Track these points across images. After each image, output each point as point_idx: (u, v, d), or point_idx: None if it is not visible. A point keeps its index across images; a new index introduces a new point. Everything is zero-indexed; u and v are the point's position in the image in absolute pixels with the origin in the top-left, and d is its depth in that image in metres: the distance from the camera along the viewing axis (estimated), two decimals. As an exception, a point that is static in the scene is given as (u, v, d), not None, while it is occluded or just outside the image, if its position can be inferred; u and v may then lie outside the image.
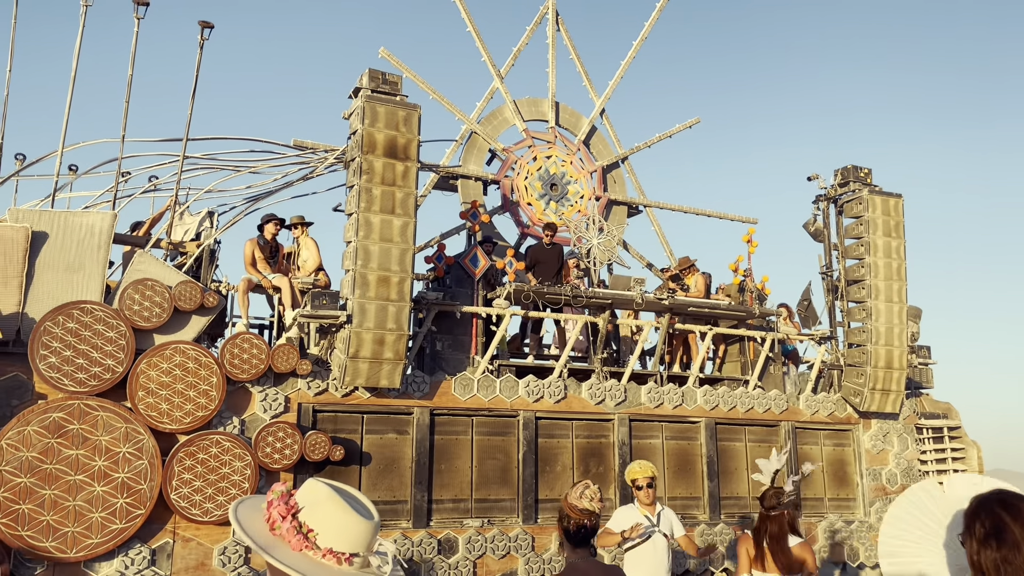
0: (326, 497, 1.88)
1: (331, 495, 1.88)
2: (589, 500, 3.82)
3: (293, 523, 1.85)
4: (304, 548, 1.83)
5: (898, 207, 12.05)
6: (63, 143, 8.72)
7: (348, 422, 9.03)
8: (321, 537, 1.84)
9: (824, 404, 11.76)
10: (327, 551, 1.83)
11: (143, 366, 7.97)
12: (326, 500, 1.88)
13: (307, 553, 1.83)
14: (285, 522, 1.84)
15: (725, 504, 10.90)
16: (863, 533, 11.44)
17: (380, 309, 8.74)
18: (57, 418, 7.57)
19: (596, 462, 10.25)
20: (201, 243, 9.10)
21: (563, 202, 12.34)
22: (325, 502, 1.87)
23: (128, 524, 7.67)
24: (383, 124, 9.02)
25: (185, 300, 8.25)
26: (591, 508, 3.80)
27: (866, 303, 11.74)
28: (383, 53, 11.29)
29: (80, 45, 8.56)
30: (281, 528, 1.84)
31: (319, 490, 1.90)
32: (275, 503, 1.87)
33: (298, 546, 1.83)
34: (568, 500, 3.84)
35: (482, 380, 9.68)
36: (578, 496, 3.83)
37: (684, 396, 10.82)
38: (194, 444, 8.00)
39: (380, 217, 8.86)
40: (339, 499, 1.88)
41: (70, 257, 8.06)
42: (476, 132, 12.06)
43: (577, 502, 3.82)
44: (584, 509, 3.79)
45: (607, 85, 13.15)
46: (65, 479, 7.53)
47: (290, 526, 1.84)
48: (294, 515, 1.86)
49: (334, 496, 1.88)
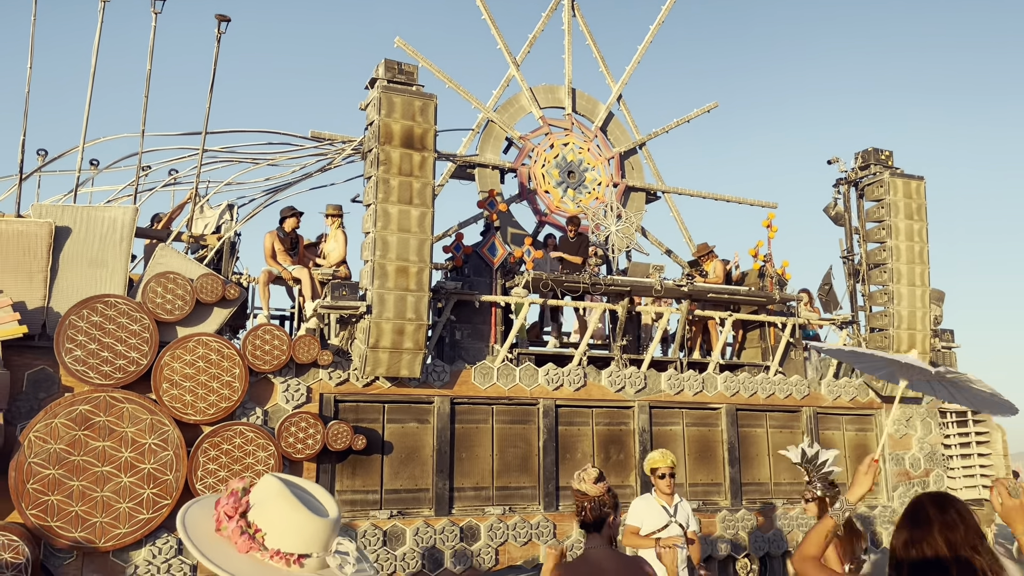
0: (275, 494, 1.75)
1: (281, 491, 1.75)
2: (582, 481, 3.84)
3: (240, 523, 1.72)
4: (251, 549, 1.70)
5: (920, 189, 11.92)
6: (84, 138, 8.81)
7: (369, 411, 9.10)
8: (269, 537, 1.70)
9: (846, 389, 11.70)
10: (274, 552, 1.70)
11: (167, 358, 8.06)
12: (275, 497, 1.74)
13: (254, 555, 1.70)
14: (231, 522, 1.72)
15: (746, 490, 10.89)
16: (886, 518, 11.39)
17: (399, 299, 8.78)
18: (83, 410, 7.68)
19: (616, 449, 10.27)
20: (221, 236, 9.18)
21: (581, 189, 12.31)
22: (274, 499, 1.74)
23: (155, 514, 7.78)
24: (399, 114, 9.03)
25: (207, 292, 8.33)
26: (583, 489, 3.81)
27: (888, 287, 11.64)
28: (399, 43, 11.29)
29: (99, 40, 8.63)
30: (227, 528, 1.72)
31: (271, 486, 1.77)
32: (223, 501, 1.75)
33: (244, 547, 1.70)
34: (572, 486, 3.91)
35: (502, 369, 9.70)
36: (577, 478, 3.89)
37: (704, 382, 10.80)
38: (218, 435, 8.09)
39: (398, 207, 8.88)
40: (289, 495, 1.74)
41: (93, 251, 8.15)
42: (492, 120, 12.04)
43: (574, 483, 3.87)
44: (577, 490, 3.82)
45: (624, 70, 13.07)
46: (92, 470, 7.65)
47: (235, 526, 1.71)
48: (243, 514, 1.73)
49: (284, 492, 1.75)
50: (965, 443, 12.04)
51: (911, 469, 11.82)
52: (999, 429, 12.10)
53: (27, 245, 7.91)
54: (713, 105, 13.67)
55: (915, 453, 11.90)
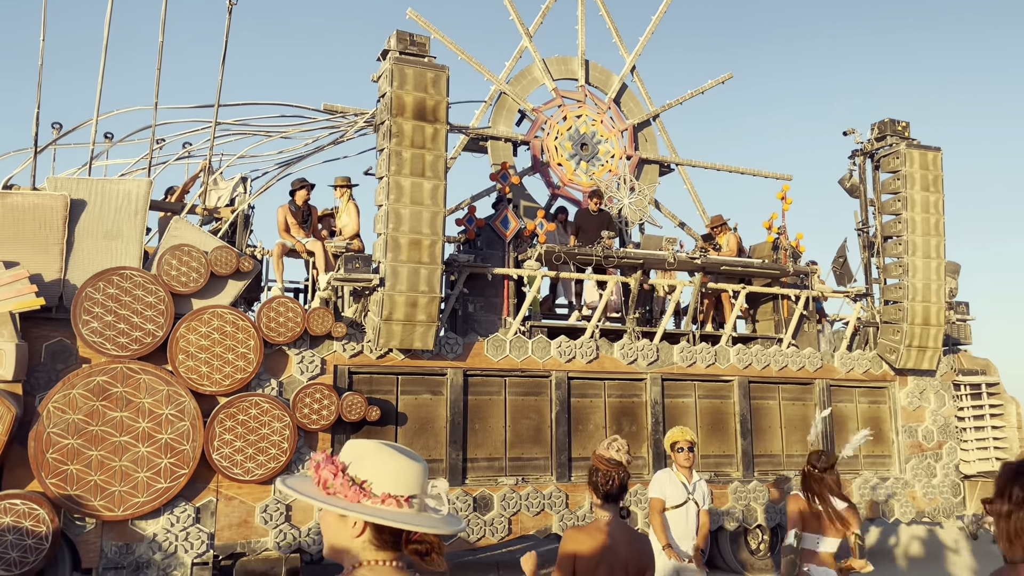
0: (372, 447, 1.91)
1: (376, 445, 1.92)
2: (616, 451, 3.87)
3: (346, 477, 1.86)
4: (362, 498, 1.84)
5: (937, 161, 11.80)
6: (97, 111, 8.84)
7: (383, 383, 9.16)
8: (376, 485, 1.85)
9: (859, 362, 11.67)
10: (385, 496, 1.85)
11: (182, 330, 8.14)
12: (373, 450, 1.91)
13: (365, 502, 1.84)
14: (337, 479, 1.86)
15: (759, 462, 10.92)
16: (899, 490, 11.41)
17: (412, 272, 8.80)
18: (101, 381, 7.78)
19: (629, 421, 10.31)
20: (235, 208, 9.21)
21: (594, 162, 12.25)
22: (372, 452, 1.90)
23: (172, 483, 7.89)
24: (411, 86, 9.00)
25: (221, 265, 8.38)
26: (618, 459, 3.84)
27: (903, 259, 11.56)
28: (411, 14, 11.21)
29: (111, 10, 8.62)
30: (334, 485, 1.86)
31: (363, 444, 1.94)
32: (322, 465, 1.89)
33: (355, 497, 1.84)
34: (597, 452, 3.91)
35: (514, 341, 9.74)
36: (606, 447, 3.90)
37: (717, 355, 10.80)
38: (234, 406, 8.18)
39: (410, 180, 8.88)
40: (385, 447, 1.91)
41: (108, 224, 8.21)
42: (505, 92, 11.98)
43: (605, 452, 3.88)
44: (611, 459, 3.83)
45: (637, 41, 12.95)
46: (111, 440, 7.76)
47: (343, 480, 1.85)
48: (344, 471, 1.87)
49: (379, 445, 1.92)
50: (979, 415, 12.01)
51: (924, 441, 11.82)
52: (1013, 402, 12.06)
53: (43, 218, 7.97)
54: (728, 76, 13.53)
55: (928, 425, 11.89)
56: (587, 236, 11.05)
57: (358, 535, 1.86)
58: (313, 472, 1.92)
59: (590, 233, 11.06)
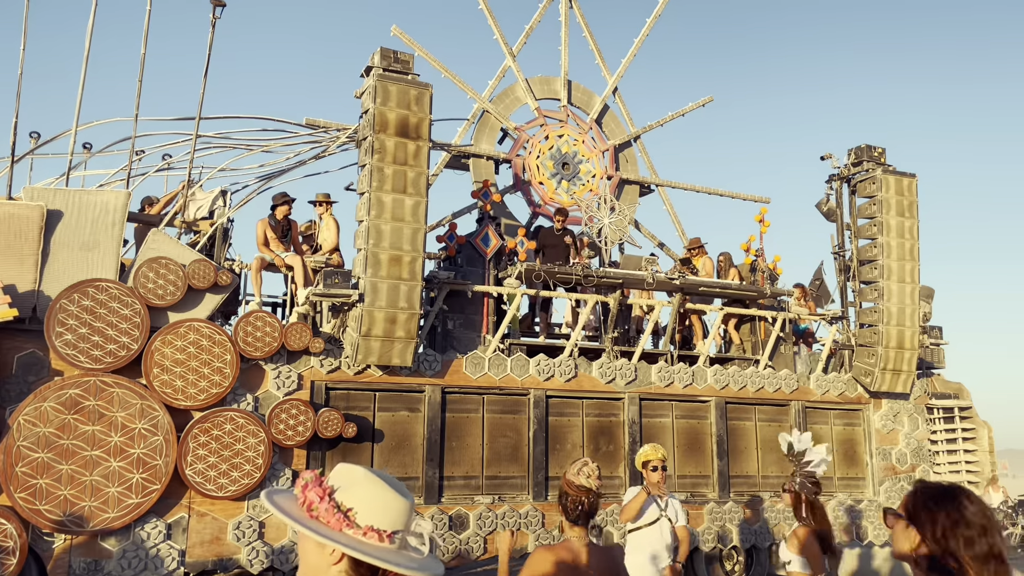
0: (363, 476, 1.87)
1: (368, 474, 1.87)
2: (586, 477, 3.80)
3: (331, 503, 1.82)
4: (344, 527, 1.80)
5: (912, 187, 11.97)
6: (77, 121, 8.77)
7: (360, 400, 9.11)
8: (361, 515, 1.81)
9: (835, 384, 11.76)
10: (368, 528, 1.80)
11: (158, 343, 8.05)
12: (363, 479, 1.86)
13: (347, 531, 1.80)
14: (323, 502, 1.82)
15: (734, 483, 10.95)
16: (872, 512, 11.48)
17: (392, 288, 8.79)
18: (73, 394, 7.67)
19: (606, 440, 10.31)
20: (214, 222, 9.16)
21: (575, 181, 12.32)
22: (362, 481, 1.86)
23: (144, 499, 7.78)
24: (395, 103, 9.02)
25: (199, 278, 8.31)
26: (588, 485, 3.78)
27: (878, 283, 11.70)
28: (395, 31, 11.25)
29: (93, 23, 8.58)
30: (318, 509, 1.82)
31: (355, 471, 1.89)
32: (310, 486, 1.85)
33: (338, 525, 1.80)
34: (567, 477, 3.84)
35: (493, 359, 9.73)
36: (576, 472, 3.82)
37: (694, 375, 10.85)
38: (208, 420, 8.09)
39: (392, 196, 8.88)
40: (376, 478, 1.87)
41: (85, 235, 8.13)
42: (488, 111, 12.03)
43: (575, 478, 3.80)
44: (581, 485, 3.78)
45: (620, 63, 13.07)
46: (82, 454, 7.64)
47: (328, 505, 1.81)
48: (330, 496, 1.83)
49: (371, 475, 1.87)
50: (952, 439, 12.13)
51: (897, 464, 11.91)
52: (985, 426, 12.20)
53: (18, 228, 7.87)
54: (708, 99, 13.68)
55: (902, 448, 11.99)
56: (551, 253, 11.01)
57: (335, 563, 1.82)
58: (299, 491, 1.87)
59: (554, 250, 11.04)
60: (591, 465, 3.83)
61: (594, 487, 3.78)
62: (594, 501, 3.76)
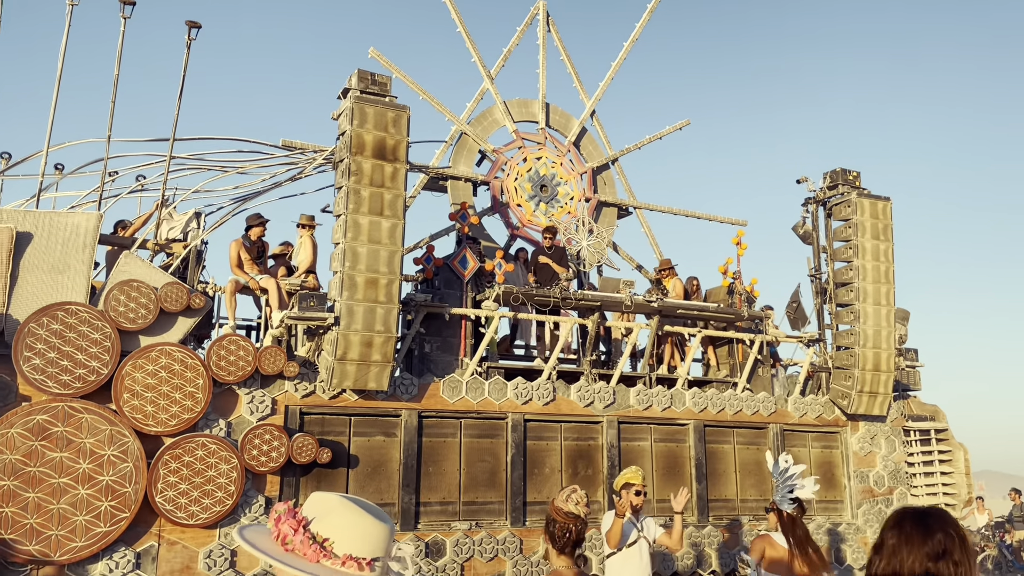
0: (338, 504, 1.82)
1: (343, 502, 1.83)
2: (575, 504, 3.78)
3: (306, 534, 1.77)
4: (321, 558, 1.75)
5: (886, 210, 12.09)
6: (48, 142, 8.65)
7: (335, 424, 8.99)
8: (338, 544, 1.76)
9: (812, 406, 11.78)
10: (347, 558, 1.75)
11: (128, 368, 7.91)
12: (338, 507, 1.81)
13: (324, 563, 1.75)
14: (298, 535, 1.77)
15: (713, 506, 10.91)
16: (851, 535, 11.46)
17: (368, 311, 8.70)
18: (41, 420, 7.51)
19: (585, 464, 10.24)
20: (188, 244, 9.04)
21: (553, 203, 12.32)
22: (338, 508, 1.81)
23: (112, 527, 7.61)
24: (372, 125, 8.98)
25: (171, 301, 8.19)
26: (576, 512, 3.75)
27: (854, 306, 11.77)
28: (373, 53, 11.24)
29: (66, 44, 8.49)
30: (293, 541, 1.77)
31: (329, 499, 1.85)
32: (283, 518, 1.80)
33: (314, 557, 1.75)
34: (555, 503, 3.81)
35: (471, 382, 9.65)
36: (564, 499, 3.79)
37: (673, 398, 10.82)
38: (180, 447, 7.94)
39: (369, 219, 8.82)
40: (352, 504, 1.82)
41: (55, 258, 7.99)
42: (466, 133, 12.02)
43: (563, 505, 3.77)
44: (569, 512, 3.74)
45: (597, 86, 13.14)
46: (49, 482, 7.46)
47: (304, 537, 1.76)
48: (305, 527, 1.79)
49: (346, 502, 1.83)
50: (928, 461, 12.17)
51: (875, 487, 11.93)
52: (961, 448, 12.26)
53: (-14, 250, 7.72)
54: (685, 123, 13.77)
55: (879, 471, 12.01)
56: (545, 273, 11.04)
57: None
58: (272, 525, 1.82)
59: (547, 269, 11.06)
60: (580, 492, 3.81)
61: (582, 514, 3.75)
62: (582, 529, 3.74)
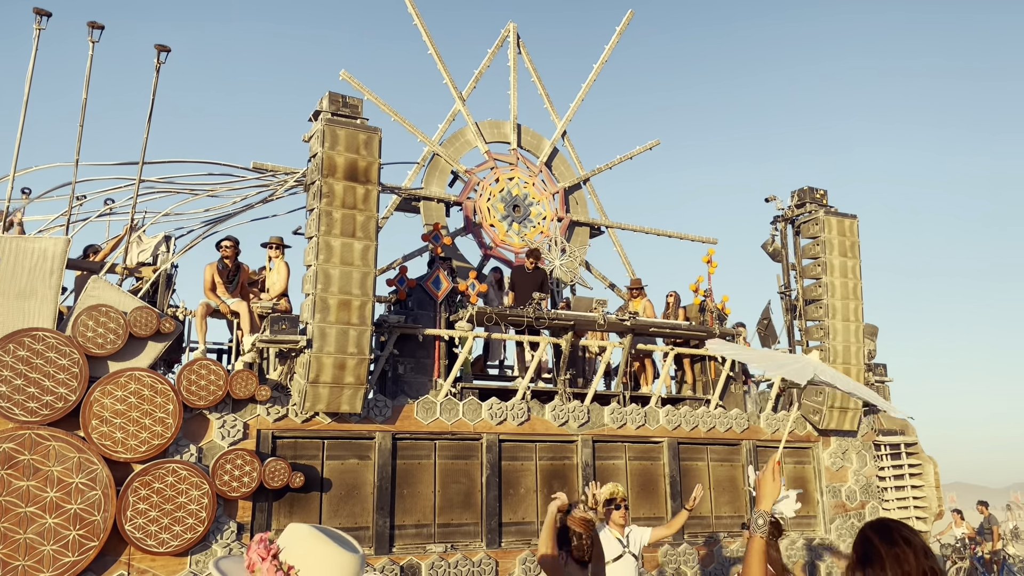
0: (306, 533, 1.88)
1: (311, 531, 1.88)
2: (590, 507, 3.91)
3: (273, 563, 1.83)
4: None
5: (853, 227, 12.28)
6: (15, 166, 8.55)
7: (308, 448, 8.91)
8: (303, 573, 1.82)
9: (784, 422, 11.88)
10: None
11: (97, 394, 7.80)
12: (306, 536, 1.87)
13: None
14: (265, 563, 1.83)
15: (688, 524, 10.92)
16: (824, 551, 11.54)
17: (341, 333, 8.67)
18: (7, 449, 7.37)
19: (560, 484, 10.23)
20: (157, 268, 8.96)
21: (526, 223, 12.38)
22: (306, 538, 1.87)
23: (81, 557, 7.47)
24: (343, 147, 8.99)
25: (140, 326, 8.11)
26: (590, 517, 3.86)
27: (823, 322, 11.92)
28: (344, 75, 11.27)
29: (33, 68, 8.42)
30: (261, 570, 1.83)
31: (299, 528, 1.91)
32: (254, 547, 1.87)
33: None
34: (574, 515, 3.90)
35: (445, 403, 9.62)
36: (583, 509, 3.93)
37: (646, 416, 10.86)
38: (149, 473, 7.83)
39: (341, 240, 8.80)
40: (319, 534, 1.88)
41: (21, 283, 7.88)
42: (438, 154, 12.06)
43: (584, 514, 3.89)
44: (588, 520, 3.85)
45: (568, 107, 13.25)
46: (15, 511, 7.32)
47: (269, 565, 1.83)
48: (274, 556, 1.85)
49: (313, 532, 1.88)
50: (899, 475, 12.31)
51: (847, 501, 12.03)
52: (931, 462, 12.41)
53: (-50, 276, 7.60)
54: (655, 143, 13.93)
55: (851, 485, 12.11)
56: (522, 293, 11.06)
57: None
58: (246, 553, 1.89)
59: (524, 290, 11.08)
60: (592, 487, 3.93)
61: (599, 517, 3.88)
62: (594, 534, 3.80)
